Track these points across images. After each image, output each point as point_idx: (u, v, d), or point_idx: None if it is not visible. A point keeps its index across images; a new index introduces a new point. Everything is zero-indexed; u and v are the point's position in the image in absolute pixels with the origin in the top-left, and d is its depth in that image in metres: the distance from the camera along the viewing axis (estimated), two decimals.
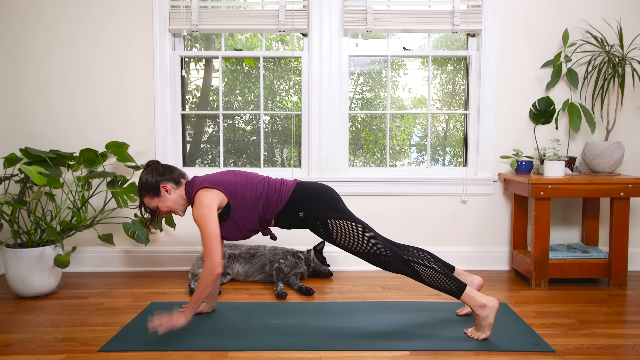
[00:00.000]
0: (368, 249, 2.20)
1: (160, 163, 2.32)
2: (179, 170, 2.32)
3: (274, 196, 2.26)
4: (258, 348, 2.08)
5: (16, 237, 2.86)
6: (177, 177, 2.28)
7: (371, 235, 2.21)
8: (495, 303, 2.15)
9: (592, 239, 3.27)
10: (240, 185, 2.24)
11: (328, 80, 3.31)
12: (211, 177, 2.26)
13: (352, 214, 2.28)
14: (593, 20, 3.28)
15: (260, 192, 2.26)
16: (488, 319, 2.14)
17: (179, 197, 2.27)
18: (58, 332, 2.29)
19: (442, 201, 3.39)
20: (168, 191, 2.23)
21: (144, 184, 2.23)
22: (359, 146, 3.58)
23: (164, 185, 2.23)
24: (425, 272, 2.16)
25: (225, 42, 3.48)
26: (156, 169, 2.27)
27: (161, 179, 2.23)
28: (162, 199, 2.24)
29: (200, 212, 2.13)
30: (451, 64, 3.55)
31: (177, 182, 2.27)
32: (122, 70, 3.30)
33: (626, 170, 3.38)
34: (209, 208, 2.14)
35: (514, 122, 3.35)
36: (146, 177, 2.24)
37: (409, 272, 2.18)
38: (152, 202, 2.25)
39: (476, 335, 2.17)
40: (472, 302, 2.15)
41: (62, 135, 3.32)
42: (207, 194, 2.17)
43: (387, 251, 2.19)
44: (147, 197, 2.25)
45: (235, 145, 3.57)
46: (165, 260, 3.38)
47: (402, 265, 2.18)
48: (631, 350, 2.08)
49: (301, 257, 3.16)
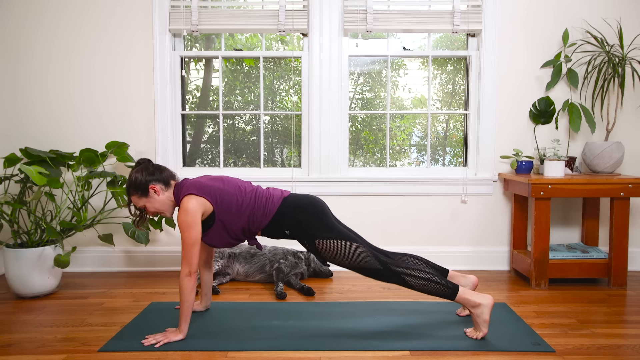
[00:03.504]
0: (356, 263, 2.19)
1: (151, 162, 2.29)
2: (169, 170, 2.29)
3: (259, 210, 2.22)
4: (258, 348, 2.08)
5: (16, 237, 2.86)
6: (166, 178, 2.25)
7: (359, 249, 2.18)
8: (489, 300, 2.16)
9: (592, 239, 3.27)
10: (227, 195, 2.20)
11: (328, 80, 3.31)
12: (199, 183, 2.20)
13: (340, 227, 2.24)
14: (593, 20, 3.28)
15: (246, 204, 2.21)
16: (483, 315, 2.15)
17: (167, 199, 2.24)
18: (58, 332, 2.29)
19: (442, 201, 3.39)
20: (157, 192, 2.21)
21: (133, 183, 2.21)
22: (359, 146, 3.59)
23: (153, 186, 2.20)
24: (415, 282, 2.17)
25: (225, 42, 3.48)
26: (146, 168, 2.24)
27: (150, 179, 2.20)
28: (150, 199, 2.22)
29: (184, 218, 2.11)
30: (451, 64, 3.55)
31: (167, 184, 2.24)
32: (122, 70, 3.30)
33: (626, 170, 3.38)
34: (193, 216, 2.11)
35: (514, 122, 3.35)
36: (135, 175, 2.21)
37: (399, 283, 2.19)
38: (139, 201, 2.23)
39: (474, 334, 2.18)
40: (467, 302, 2.16)
41: (62, 135, 3.32)
42: (192, 201, 2.13)
43: (377, 264, 2.18)
44: (135, 196, 2.23)
45: (235, 145, 3.57)
46: (165, 260, 3.38)
47: (393, 277, 2.19)
48: (631, 350, 2.08)
49: (301, 257, 3.16)
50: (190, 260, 2.10)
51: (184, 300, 2.12)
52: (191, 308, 2.16)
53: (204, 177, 2.28)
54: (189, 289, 2.11)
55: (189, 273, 2.10)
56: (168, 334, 2.16)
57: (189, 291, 2.11)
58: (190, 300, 2.13)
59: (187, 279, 2.10)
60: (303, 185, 3.34)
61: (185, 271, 2.10)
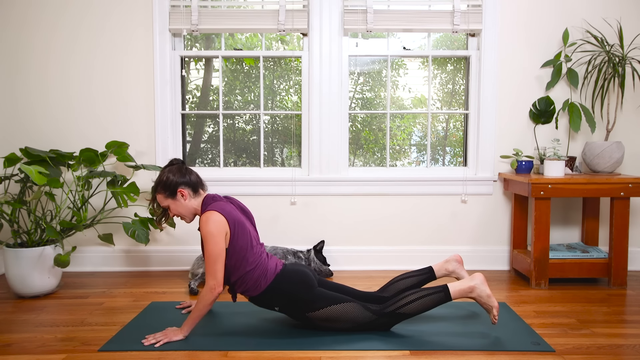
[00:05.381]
0: (350, 323, 2.19)
1: (185, 165, 2.27)
2: (200, 178, 2.28)
3: (250, 281, 2.19)
4: (258, 348, 2.09)
5: (16, 236, 2.86)
6: (196, 184, 2.24)
7: (350, 307, 2.18)
8: (479, 277, 2.19)
9: (592, 238, 3.27)
10: (242, 241, 2.15)
11: (328, 80, 3.31)
12: (228, 212, 2.14)
13: (326, 292, 2.22)
14: (593, 20, 3.28)
15: (248, 264, 2.17)
16: (482, 293, 2.17)
17: (191, 206, 2.23)
18: (58, 331, 2.29)
19: (442, 201, 3.39)
20: (184, 196, 2.20)
21: (164, 182, 2.20)
22: (359, 146, 3.58)
23: (182, 190, 2.20)
24: (411, 308, 2.18)
25: (225, 42, 3.48)
26: (179, 169, 2.23)
27: (182, 181, 2.20)
28: (175, 201, 2.22)
29: (210, 229, 2.07)
30: (451, 64, 3.55)
31: (196, 191, 2.24)
32: (122, 70, 3.30)
33: (626, 170, 3.37)
34: (218, 230, 2.08)
35: (514, 122, 3.35)
36: (168, 175, 2.20)
37: (398, 320, 2.21)
38: (164, 201, 2.22)
39: (492, 316, 2.18)
40: (462, 293, 2.19)
41: (62, 135, 3.32)
42: (218, 216, 2.10)
43: (370, 316, 2.19)
44: (161, 195, 2.22)
45: (235, 144, 3.57)
46: (165, 260, 3.38)
47: (390, 319, 2.20)
48: (631, 350, 2.08)
49: (301, 256, 3.16)
50: (217, 274, 2.09)
51: (198, 309, 2.12)
52: (201, 318, 2.17)
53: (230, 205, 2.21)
54: (207, 302, 2.11)
55: (213, 287, 2.09)
56: (168, 333, 2.16)
57: (206, 304, 2.11)
58: (204, 312, 2.14)
59: (210, 293, 2.09)
60: (303, 185, 3.34)
61: (211, 284, 2.09)
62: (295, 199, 3.37)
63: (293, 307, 2.20)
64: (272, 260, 2.26)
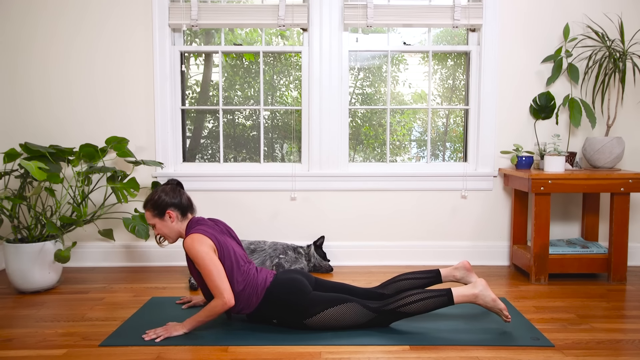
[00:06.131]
0: (350, 323, 2.19)
1: (180, 187, 2.31)
2: (191, 203, 2.31)
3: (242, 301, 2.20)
4: (258, 343, 2.09)
5: (16, 232, 2.86)
6: (185, 208, 2.27)
7: (348, 307, 2.18)
8: (482, 284, 2.19)
9: (592, 234, 3.28)
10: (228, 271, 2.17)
11: (328, 75, 3.30)
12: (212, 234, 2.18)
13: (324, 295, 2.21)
14: (594, 15, 3.27)
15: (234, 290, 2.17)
16: (487, 299, 2.17)
17: (177, 229, 2.27)
18: (59, 326, 2.30)
19: (442, 196, 3.39)
20: (171, 218, 2.23)
21: (154, 200, 2.23)
22: (359, 141, 3.58)
23: (170, 212, 2.23)
24: (412, 308, 2.17)
25: (225, 37, 3.47)
26: (173, 190, 2.27)
27: (172, 202, 2.23)
28: (162, 221, 2.25)
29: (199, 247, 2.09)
30: (451, 59, 3.54)
31: (184, 214, 2.27)
32: (122, 65, 3.30)
33: (626, 166, 3.37)
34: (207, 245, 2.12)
35: (514, 117, 3.35)
36: (160, 194, 2.24)
37: (398, 318, 2.20)
38: (152, 219, 2.26)
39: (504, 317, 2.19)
40: (466, 299, 2.18)
41: (62, 131, 3.32)
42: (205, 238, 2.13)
43: (370, 314, 2.19)
44: (149, 212, 2.25)
45: (235, 140, 3.57)
46: (166, 255, 3.38)
47: (390, 316, 2.19)
48: (630, 345, 2.09)
49: (301, 252, 3.16)
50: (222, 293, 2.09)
51: (205, 315, 2.14)
52: (206, 322, 2.18)
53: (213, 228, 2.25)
54: (217, 313, 2.12)
55: (224, 303, 2.09)
56: (169, 328, 2.16)
57: (215, 315, 2.13)
58: (210, 319, 2.16)
59: (222, 307, 2.10)
60: (303, 180, 3.34)
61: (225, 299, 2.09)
62: (296, 194, 3.37)
63: (290, 317, 2.20)
64: (262, 274, 2.27)
